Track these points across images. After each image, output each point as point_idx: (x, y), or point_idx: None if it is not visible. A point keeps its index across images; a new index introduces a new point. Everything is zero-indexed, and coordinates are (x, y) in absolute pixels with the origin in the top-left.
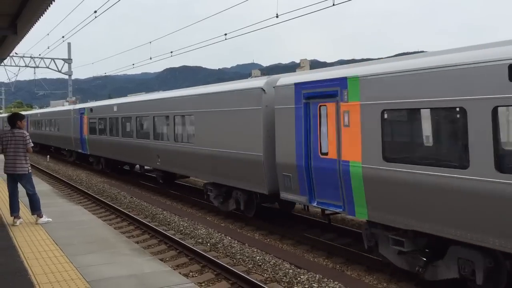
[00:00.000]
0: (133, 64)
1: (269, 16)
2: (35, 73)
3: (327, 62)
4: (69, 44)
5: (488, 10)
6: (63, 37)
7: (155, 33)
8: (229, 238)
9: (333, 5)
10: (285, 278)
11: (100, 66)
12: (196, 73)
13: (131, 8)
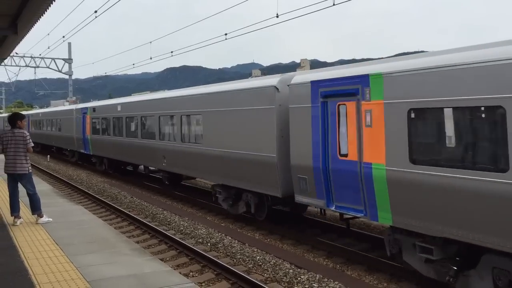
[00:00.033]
0: (133, 64)
1: (269, 16)
2: (35, 73)
3: (328, 62)
4: (70, 44)
5: (488, 10)
6: (64, 37)
7: (155, 33)
8: (229, 238)
9: (333, 5)
10: (285, 278)
11: (100, 66)
12: (196, 73)
13: (131, 8)
